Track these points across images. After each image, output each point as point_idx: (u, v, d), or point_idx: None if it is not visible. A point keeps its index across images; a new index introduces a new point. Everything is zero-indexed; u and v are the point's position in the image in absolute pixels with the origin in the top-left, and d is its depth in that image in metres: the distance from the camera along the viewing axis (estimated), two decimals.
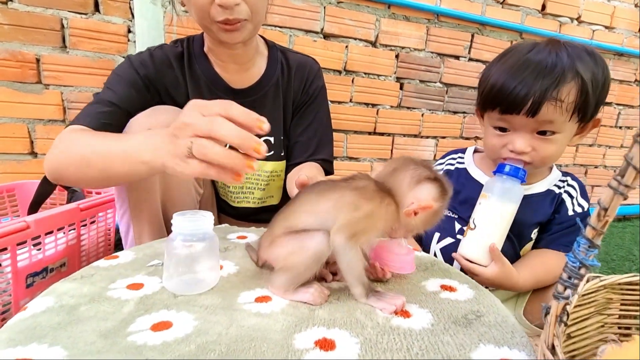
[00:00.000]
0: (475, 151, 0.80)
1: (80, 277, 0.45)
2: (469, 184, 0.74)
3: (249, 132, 0.39)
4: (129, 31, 1.13)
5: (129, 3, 1.11)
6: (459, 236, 0.72)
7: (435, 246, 0.75)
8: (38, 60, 1.06)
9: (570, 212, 0.68)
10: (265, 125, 0.40)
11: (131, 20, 1.12)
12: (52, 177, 0.60)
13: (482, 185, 0.69)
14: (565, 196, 0.69)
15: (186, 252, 0.43)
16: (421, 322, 0.37)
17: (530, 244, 0.70)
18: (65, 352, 0.30)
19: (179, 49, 0.75)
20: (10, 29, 1.02)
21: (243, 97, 0.77)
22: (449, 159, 0.81)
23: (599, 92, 0.59)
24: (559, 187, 0.70)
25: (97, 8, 1.09)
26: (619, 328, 0.33)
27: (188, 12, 0.70)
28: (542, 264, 0.65)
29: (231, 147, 0.39)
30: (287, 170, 0.84)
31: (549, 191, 0.69)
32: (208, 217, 0.45)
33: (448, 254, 0.70)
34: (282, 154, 0.82)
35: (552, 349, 0.24)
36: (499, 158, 0.66)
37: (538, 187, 0.70)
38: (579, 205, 0.69)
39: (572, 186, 0.71)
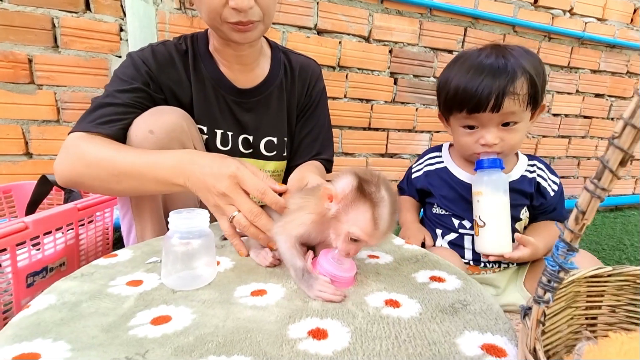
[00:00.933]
0: (451, 146, 0.84)
1: (80, 275, 0.46)
2: (452, 182, 0.78)
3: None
4: (121, 30, 1.12)
5: (120, 1, 1.10)
6: (460, 230, 0.76)
7: (442, 241, 0.78)
8: (30, 61, 1.06)
9: (552, 193, 0.76)
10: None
11: (123, 19, 1.11)
12: (68, 184, 0.62)
13: (463, 182, 0.76)
14: (540, 180, 0.76)
15: (183, 249, 0.45)
16: (410, 312, 0.39)
17: (522, 222, 0.77)
18: (69, 346, 0.32)
19: (183, 47, 0.75)
20: (2, 29, 1.02)
21: (248, 97, 0.78)
22: (427, 159, 0.84)
23: (541, 82, 0.69)
24: (531, 172, 0.77)
25: (87, 7, 1.08)
26: (586, 319, 0.35)
27: (182, 11, 0.71)
28: (549, 234, 0.73)
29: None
30: (289, 170, 0.85)
31: (523, 177, 0.76)
32: (203, 214, 0.47)
33: (455, 246, 0.76)
34: (284, 154, 0.83)
35: (534, 352, 0.25)
36: (472, 154, 0.73)
37: (513, 175, 0.76)
38: (554, 183, 0.77)
39: (541, 169, 0.78)
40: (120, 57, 1.13)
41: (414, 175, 0.85)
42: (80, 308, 0.38)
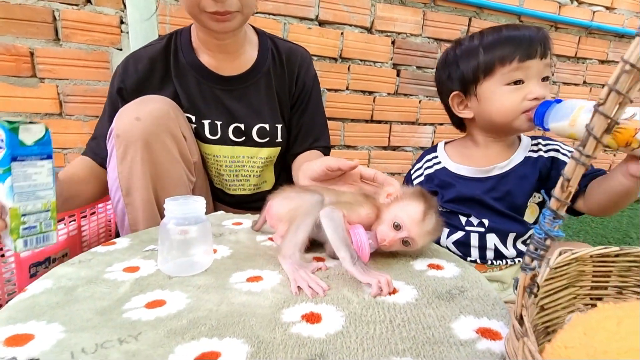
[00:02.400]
0: (446, 144, 0.80)
1: (78, 262, 0.47)
2: (454, 180, 0.75)
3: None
4: (122, 22, 1.12)
5: None
6: (467, 228, 0.73)
7: (446, 241, 0.75)
8: (32, 54, 1.07)
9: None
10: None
11: (123, 11, 1.11)
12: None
13: (465, 176, 0.73)
14: (553, 153, 0.71)
15: (179, 235, 0.45)
16: (406, 297, 0.39)
17: (532, 208, 0.72)
18: (62, 328, 0.32)
19: (162, 44, 0.77)
20: (3, 23, 1.02)
21: (235, 84, 0.78)
22: (425, 162, 0.81)
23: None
24: (535, 152, 0.72)
25: None
26: (591, 299, 0.35)
27: (178, 1, 0.71)
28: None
29: None
30: (290, 159, 0.85)
31: (527, 158, 0.71)
32: (200, 201, 0.46)
33: (461, 246, 0.73)
34: (278, 140, 0.83)
35: (520, 319, 0.25)
36: (517, 116, 0.65)
37: (516, 158, 0.71)
38: (569, 151, 0.71)
39: (548, 143, 0.72)
40: (121, 49, 1.14)
41: (415, 181, 0.81)
42: (76, 292, 0.39)
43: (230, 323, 0.34)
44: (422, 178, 0.80)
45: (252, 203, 0.87)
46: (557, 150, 0.71)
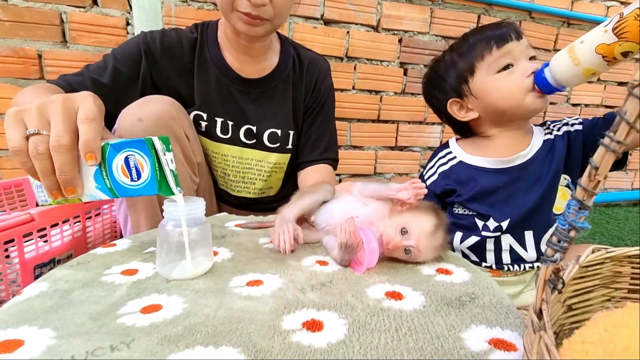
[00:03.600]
0: (457, 139, 0.77)
1: (77, 264, 0.46)
2: (474, 173, 0.70)
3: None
4: (128, 24, 1.13)
5: None
6: (484, 233, 0.69)
7: (460, 246, 0.71)
8: (40, 56, 1.08)
9: (580, 126, 0.69)
10: (90, 162, 0.40)
11: (129, 13, 1.12)
12: None
13: (485, 168, 0.69)
14: (564, 127, 0.70)
15: (178, 237, 0.43)
16: (413, 304, 0.37)
17: (562, 192, 0.70)
18: (54, 333, 0.31)
19: (194, 35, 0.76)
20: (12, 26, 1.04)
21: (252, 87, 0.78)
22: (438, 159, 0.76)
23: None
24: (550, 134, 0.71)
25: (95, 1, 1.09)
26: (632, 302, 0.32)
27: (187, 3, 0.70)
28: None
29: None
30: (297, 167, 0.84)
31: (545, 142, 0.69)
32: (199, 202, 0.45)
33: (476, 251, 0.70)
34: (288, 147, 0.82)
35: (540, 314, 0.23)
36: (523, 98, 0.64)
37: (536, 144, 0.69)
38: (575, 119, 0.70)
39: (555, 122, 0.72)
40: None
41: (428, 182, 0.76)
42: (72, 296, 0.38)
43: (228, 330, 0.32)
44: (435, 177, 0.74)
45: (255, 206, 0.86)
46: (567, 124, 0.70)
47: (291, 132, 0.82)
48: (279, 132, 0.80)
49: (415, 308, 0.36)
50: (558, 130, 0.70)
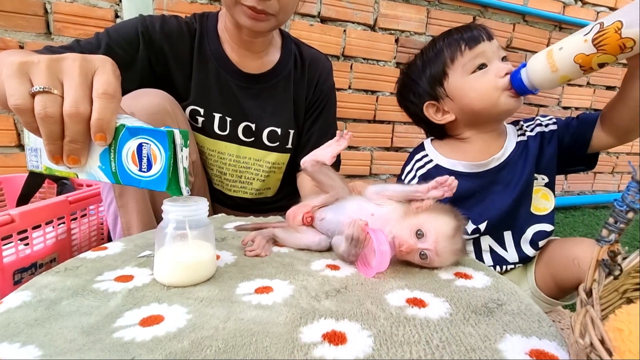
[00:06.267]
0: (432, 140, 0.76)
1: (64, 270, 0.41)
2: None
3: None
4: (117, 16, 1.07)
5: None
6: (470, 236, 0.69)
7: None
8: (22, 47, 1.01)
9: (555, 126, 0.69)
10: (99, 142, 0.35)
11: (118, 4, 1.06)
12: None
13: (460, 172, 0.68)
14: (538, 128, 0.70)
15: (179, 240, 0.40)
16: (438, 312, 0.34)
17: (541, 192, 0.70)
18: (39, 352, 0.27)
19: (194, 25, 0.72)
20: None
21: (252, 82, 0.75)
22: (415, 162, 0.75)
23: None
24: (523, 135, 0.71)
25: None
26: None
27: None
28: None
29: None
30: (297, 168, 0.81)
31: (518, 143, 0.69)
32: (202, 202, 0.41)
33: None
34: (288, 146, 0.79)
35: (590, 292, 0.22)
36: (499, 96, 0.63)
37: (510, 146, 0.69)
38: (549, 119, 0.70)
39: (529, 124, 0.72)
40: None
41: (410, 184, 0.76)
42: (60, 306, 0.33)
43: (241, 345, 0.29)
44: (415, 180, 0.73)
45: (252, 207, 0.83)
46: (540, 125, 0.70)
47: (291, 132, 0.79)
48: (278, 130, 0.77)
49: (442, 317, 0.33)
50: (531, 130, 0.70)
